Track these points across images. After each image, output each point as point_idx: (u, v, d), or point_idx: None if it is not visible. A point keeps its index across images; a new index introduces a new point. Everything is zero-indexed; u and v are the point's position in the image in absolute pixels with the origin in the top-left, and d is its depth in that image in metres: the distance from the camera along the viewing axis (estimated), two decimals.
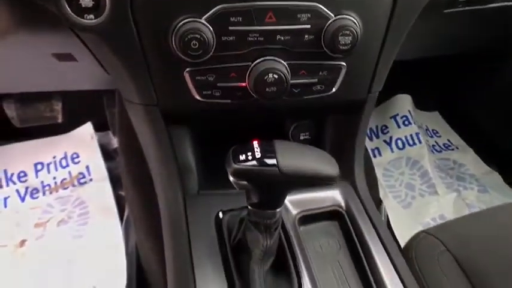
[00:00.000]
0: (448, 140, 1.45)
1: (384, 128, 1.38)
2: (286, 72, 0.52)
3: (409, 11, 0.56)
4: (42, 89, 0.96)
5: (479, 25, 0.79)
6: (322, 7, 0.50)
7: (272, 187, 0.47)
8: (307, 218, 0.62)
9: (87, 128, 1.26)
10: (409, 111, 1.38)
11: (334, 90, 0.58)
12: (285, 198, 0.49)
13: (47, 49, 0.62)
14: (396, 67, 0.72)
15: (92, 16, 0.47)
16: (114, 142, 1.26)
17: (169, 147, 0.62)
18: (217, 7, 0.48)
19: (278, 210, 0.50)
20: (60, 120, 1.16)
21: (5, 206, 1.15)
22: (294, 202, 0.62)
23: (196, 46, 0.48)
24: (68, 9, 0.46)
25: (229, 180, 0.47)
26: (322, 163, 0.47)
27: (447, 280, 0.62)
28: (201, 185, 0.65)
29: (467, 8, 0.65)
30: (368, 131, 1.39)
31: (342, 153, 0.68)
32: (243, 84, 0.54)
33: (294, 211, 0.62)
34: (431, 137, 1.46)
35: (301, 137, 0.68)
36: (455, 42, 0.95)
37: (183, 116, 0.60)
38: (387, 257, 0.57)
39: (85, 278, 0.97)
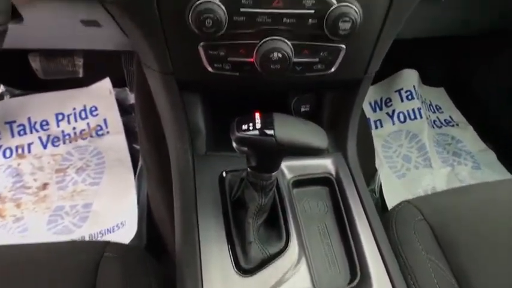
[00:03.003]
0: (450, 116, 1.50)
1: (387, 101, 1.43)
2: (290, 52, 0.58)
3: (408, 1, 0.60)
4: (66, 47, 1.02)
5: (478, 9, 0.82)
6: None
7: (269, 154, 0.54)
8: (301, 182, 0.70)
9: (106, 83, 1.33)
10: (414, 86, 1.41)
11: (333, 69, 0.63)
12: (280, 164, 0.57)
13: (75, 16, 0.68)
14: (405, 43, 0.75)
15: None
16: (131, 98, 1.33)
17: (182, 110, 0.69)
18: None
19: (273, 173, 0.57)
20: (81, 75, 1.23)
21: (29, 151, 1.25)
22: (290, 167, 0.70)
23: (210, 24, 0.54)
24: None
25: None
26: (314, 136, 0.53)
27: (420, 245, 0.70)
28: (209, 147, 0.73)
29: None
30: (372, 103, 1.43)
31: (337, 126, 0.74)
32: (251, 59, 0.59)
33: (289, 175, 0.69)
34: (434, 112, 1.50)
35: (302, 109, 0.74)
36: (455, 25, 0.97)
37: (195, 84, 0.66)
38: (367, 221, 0.65)
39: (98, 221, 1.08)
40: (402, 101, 1.40)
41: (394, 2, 0.58)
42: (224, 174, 0.67)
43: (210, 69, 0.61)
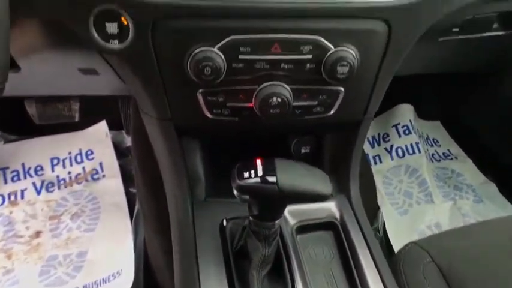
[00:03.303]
0: (448, 150, 1.49)
1: (385, 136, 1.43)
2: (289, 96, 0.57)
3: (404, 43, 0.60)
4: (63, 93, 1.02)
5: (474, 50, 0.83)
6: (323, 40, 0.55)
7: (271, 202, 0.52)
8: (304, 228, 0.67)
9: (102, 126, 1.32)
10: (410, 120, 1.42)
11: (332, 112, 0.63)
12: (283, 211, 0.55)
13: (73, 65, 0.68)
14: (400, 79, 0.76)
15: (116, 41, 0.53)
16: (127, 141, 1.32)
17: (181, 156, 0.68)
18: (229, 38, 0.53)
19: (276, 222, 0.55)
20: (77, 119, 1.23)
21: (22, 198, 1.22)
22: (293, 213, 0.68)
23: (209, 72, 0.53)
24: (96, 35, 0.52)
25: None
26: (317, 182, 0.52)
27: None
28: (208, 193, 0.71)
29: (460, 36, 0.69)
30: (370, 139, 1.43)
31: (338, 168, 0.73)
32: (250, 104, 0.59)
33: (292, 221, 0.67)
34: (432, 146, 1.50)
35: (302, 151, 0.74)
36: (451, 63, 0.99)
37: (194, 130, 0.66)
38: (374, 267, 0.62)
39: (93, 271, 1.03)
40: (400, 136, 1.40)
41: (390, 45, 0.58)
42: (225, 222, 0.65)
43: (209, 115, 0.60)
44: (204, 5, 0.52)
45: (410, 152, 1.38)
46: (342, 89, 0.60)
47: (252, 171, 0.50)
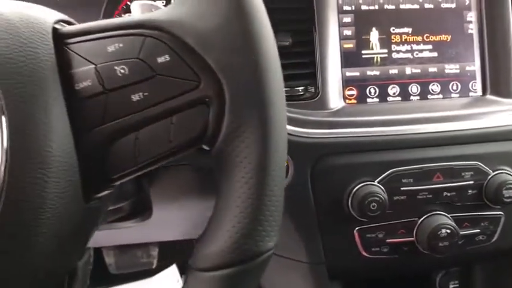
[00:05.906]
0: None
1: None
2: (456, 226, 0.54)
3: None
4: (145, 241, 0.98)
5: None
6: (482, 165, 0.55)
7: None
8: None
9: (173, 271, 1.24)
10: None
11: (494, 240, 0.58)
12: None
13: (207, 208, 0.66)
14: None
15: None
16: None
17: None
18: (391, 170, 0.53)
19: None
20: (154, 266, 1.15)
21: None
22: None
23: (375, 207, 0.51)
24: None
25: None
26: None
27: None
28: None
29: None
30: None
31: None
32: (411, 239, 0.55)
33: None
34: None
35: (451, 286, 0.66)
36: None
37: (344, 273, 0.60)
38: None
39: None
40: None
41: None
42: None
43: (365, 254, 0.55)
44: (366, 140, 0.52)
45: None
46: (502, 213, 0.57)
47: None
